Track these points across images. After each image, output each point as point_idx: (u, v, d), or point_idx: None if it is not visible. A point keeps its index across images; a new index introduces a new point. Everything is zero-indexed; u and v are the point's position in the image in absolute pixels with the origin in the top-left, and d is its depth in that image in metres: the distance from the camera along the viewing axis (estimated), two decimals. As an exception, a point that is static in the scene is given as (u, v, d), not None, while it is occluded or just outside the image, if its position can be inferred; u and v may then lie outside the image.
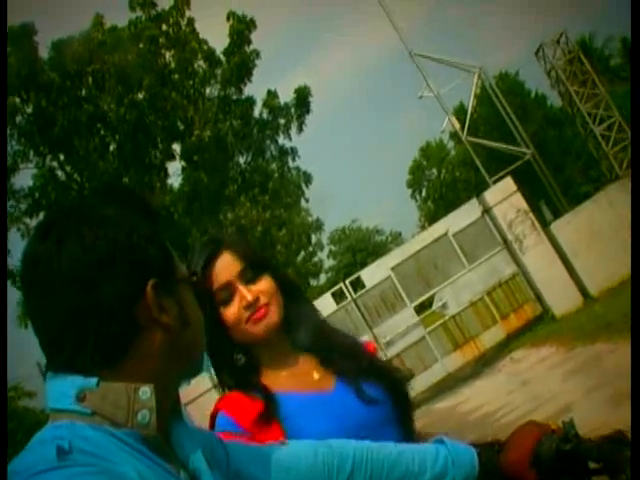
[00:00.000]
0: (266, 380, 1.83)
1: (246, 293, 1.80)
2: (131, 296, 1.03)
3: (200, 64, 24.58)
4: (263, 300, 1.81)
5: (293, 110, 25.05)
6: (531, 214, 16.70)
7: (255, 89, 34.15)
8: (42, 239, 1.04)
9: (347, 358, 1.85)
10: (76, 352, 1.01)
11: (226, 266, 1.81)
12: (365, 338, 13.38)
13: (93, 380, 1.00)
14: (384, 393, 1.83)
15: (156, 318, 1.04)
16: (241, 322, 1.80)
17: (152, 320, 1.04)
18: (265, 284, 1.83)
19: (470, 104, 21.68)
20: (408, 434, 1.86)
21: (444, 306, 16.83)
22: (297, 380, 1.84)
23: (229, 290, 1.81)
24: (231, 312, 1.81)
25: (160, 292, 1.05)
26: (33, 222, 21.53)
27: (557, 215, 18.72)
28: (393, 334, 16.18)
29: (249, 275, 1.82)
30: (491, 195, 16.92)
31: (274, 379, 1.84)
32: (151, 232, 1.09)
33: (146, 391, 1.02)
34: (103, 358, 1.01)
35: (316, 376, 1.85)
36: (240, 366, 1.85)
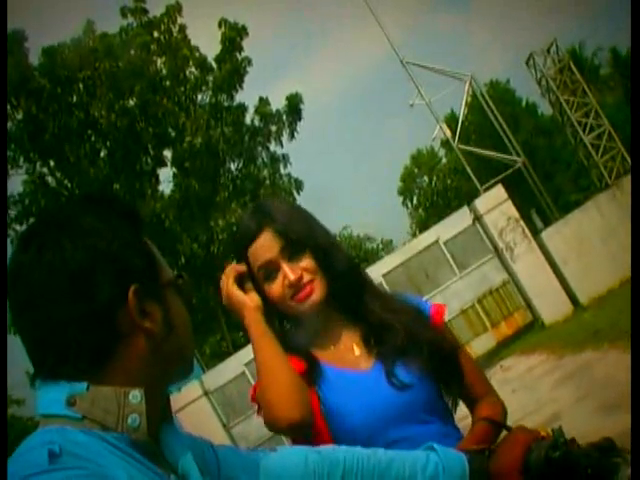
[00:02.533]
0: (311, 349, 1.83)
1: (289, 272, 1.78)
2: (113, 303, 1.02)
3: (192, 71, 24.58)
4: (307, 278, 1.79)
5: (285, 117, 25.09)
6: (522, 222, 16.76)
7: (246, 96, 34.28)
8: (24, 249, 1.04)
9: (388, 334, 1.81)
10: (60, 361, 1.01)
11: (267, 244, 1.79)
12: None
13: (83, 385, 1.00)
14: (423, 373, 1.79)
15: (139, 324, 1.04)
16: (285, 299, 1.80)
17: (135, 326, 1.04)
18: (309, 261, 1.80)
19: (461, 112, 21.75)
20: (446, 417, 1.85)
21: (435, 314, 16.85)
22: (337, 354, 1.83)
23: (272, 267, 1.79)
24: (275, 289, 1.80)
25: (143, 297, 1.04)
26: (23, 229, 21.45)
27: (547, 223, 18.77)
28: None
29: (292, 252, 1.79)
30: (482, 203, 16.97)
31: (318, 349, 1.84)
32: (133, 239, 1.08)
33: (136, 395, 1.02)
34: (87, 366, 1.01)
35: (357, 352, 1.83)
36: (288, 333, 1.84)
